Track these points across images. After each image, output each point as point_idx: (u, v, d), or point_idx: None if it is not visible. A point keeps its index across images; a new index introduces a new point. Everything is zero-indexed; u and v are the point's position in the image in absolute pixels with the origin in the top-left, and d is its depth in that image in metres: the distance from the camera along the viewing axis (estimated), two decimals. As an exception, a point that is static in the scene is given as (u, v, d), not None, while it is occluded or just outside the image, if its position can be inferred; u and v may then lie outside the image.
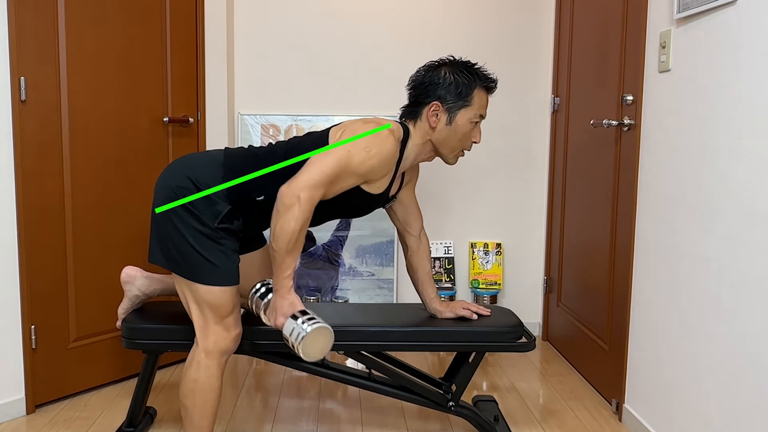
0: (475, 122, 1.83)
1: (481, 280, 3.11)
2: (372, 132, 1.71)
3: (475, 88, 1.82)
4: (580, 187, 2.73)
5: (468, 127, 1.83)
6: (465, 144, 1.86)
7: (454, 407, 2.02)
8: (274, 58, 3.04)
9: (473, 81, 1.82)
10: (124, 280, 2.01)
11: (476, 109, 1.82)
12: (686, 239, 1.86)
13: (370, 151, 1.70)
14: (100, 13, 2.36)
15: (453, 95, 1.80)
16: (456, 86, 1.80)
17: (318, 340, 1.60)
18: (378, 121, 1.79)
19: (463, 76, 1.81)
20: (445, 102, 1.81)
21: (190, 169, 1.77)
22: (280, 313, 1.65)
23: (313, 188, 1.64)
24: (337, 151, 1.68)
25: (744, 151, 1.60)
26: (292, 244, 1.64)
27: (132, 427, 2.08)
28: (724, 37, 1.68)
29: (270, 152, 1.81)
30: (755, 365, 1.56)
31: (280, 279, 1.66)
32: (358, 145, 1.69)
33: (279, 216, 1.63)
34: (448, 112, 1.81)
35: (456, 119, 1.81)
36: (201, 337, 1.75)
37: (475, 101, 1.82)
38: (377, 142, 1.71)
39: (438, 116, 1.82)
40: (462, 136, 1.83)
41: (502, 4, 3.08)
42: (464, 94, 1.80)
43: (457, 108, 1.81)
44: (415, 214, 2.08)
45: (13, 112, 2.13)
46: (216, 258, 1.72)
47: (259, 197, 1.78)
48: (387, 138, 1.73)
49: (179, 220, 1.73)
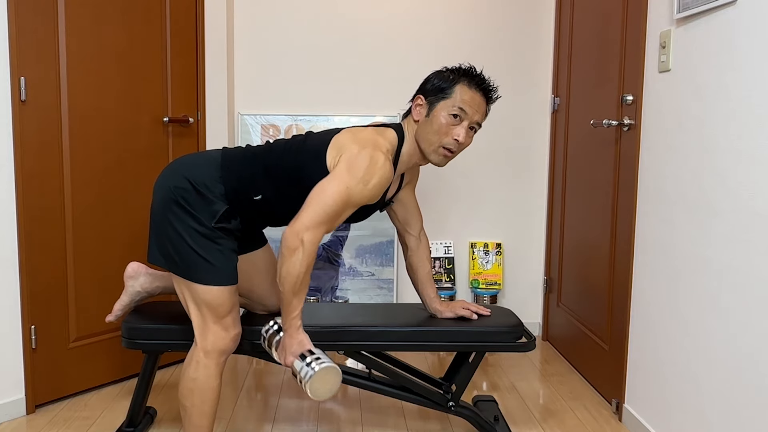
0: (454, 115, 1.78)
1: (481, 280, 3.11)
2: (368, 160, 1.68)
3: (458, 82, 1.80)
4: (580, 187, 2.73)
5: (445, 119, 1.78)
6: (443, 139, 1.79)
7: (454, 407, 2.02)
8: (274, 58, 3.04)
9: (457, 76, 1.81)
10: (128, 275, 2.01)
11: (456, 102, 1.78)
12: (686, 239, 1.86)
13: (368, 183, 1.68)
14: (100, 13, 2.36)
15: (434, 88, 1.81)
16: (438, 79, 1.81)
17: (326, 379, 1.64)
18: (374, 140, 1.75)
19: (450, 72, 1.82)
20: (427, 95, 1.82)
21: (188, 170, 1.77)
22: (290, 353, 1.69)
23: (316, 229, 1.64)
24: (336, 187, 1.66)
25: (743, 151, 1.60)
26: (298, 286, 1.66)
27: (132, 427, 2.08)
28: (724, 37, 1.68)
29: (267, 151, 1.81)
30: (755, 365, 1.56)
31: (288, 319, 1.68)
32: (355, 177, 1.67)
33: (284, 260, 1.64)
34: (429, 104, 1.81)
35: (434, 111, 1.79)
36: (200, 336, 1.76)
37: (455, 95, 1.79)
38: (374, 171, 1.69)
39: (420, 109, 1.82)
40: (438, 128, 1.78)
41: (502, 5, 3.08)
42: (444, 86, 1.80)
43: (437, 100, 1.80)
44: (415, 214, 2.08)
45: (13, 112, 2.13)
46: (214, 257, 1.73)
47: (256, 197, 1.78)
48: (384, 164, 1.70)
49: (177, 220, 1.74)
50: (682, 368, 1.88)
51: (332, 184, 1.66)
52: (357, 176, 1.67)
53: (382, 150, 1.72)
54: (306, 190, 1.72)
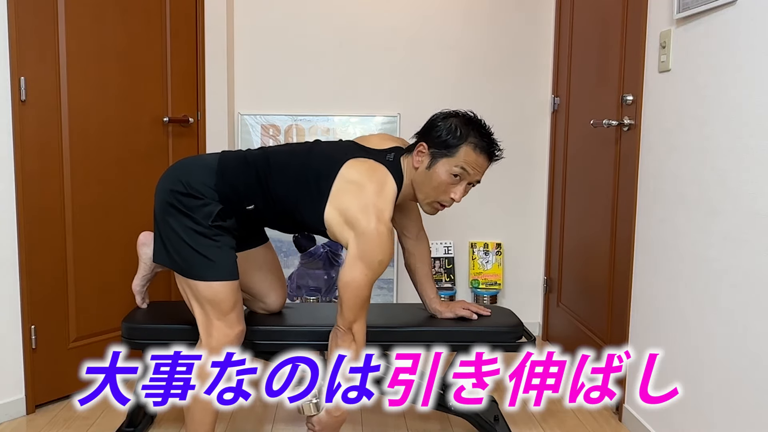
0: (455, 175, 1.76)
1: (481, 280, 3.11)
2: (376, 240, 1.67)
3: (465, 142, 1.76)
4: (580, 187, 2.73)
5: (446, 178, 1.76)
6: (440, 196, 1.79)
7: (454, 407, 2.01)
8: (274, 58, 3.04)
9: (466, 135, 1.77)
10: (141, 243, 2.04)
11: (459, 162, 1.76)
12: (686, 239, 1.86)
13: (383, 260, 1.69)
14: (100, 13, 2.35)
15: (440, 142, 1.77)
16: (447, 133, 1.77)
17: None
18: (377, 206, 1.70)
19: (459, 127, 1.78)
20: (431, 146, 1.78)
21: (185, 174, 1.81)
22: None
23: (359, 319, 1.71)
24: (359, 279, 1.67)
25: (744, 151, 1.60)
26: None
27: (132, 427, 2.07)
28: (724, 37, 1.68)
29: (262, 159, 1.83)
30: (755, 365, 1.56)
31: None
32: (371, 264, 1.67)
33: (341, 351, 1.70)
34: (431, 156, 1.78)
35: (436, 166, 1.77)
36: (204, 334, 1.76)
37: (460, 155, 1.76)
38: (383, 247, 1.68)
39: (422, 158, 1.79)
40: (437, 185, 1.77)
41: (502, 4, 3.08)
42: (450, 144, 1.76)
43: (440, 155, 1.77)
44: (413, 217, 2.08)
45: (13, 112, 2.13)
46: (211, 254, 1.75)
47: (249, 206, 1.82)
48: (388, 235, 1.69)
49: (174, 221, 1.77)
50: (682, 368, 1.88)
51: (354, 277, 1.68)
52: (372, 263, 1.68)
53: (385, 219, 1.70)
54: (295, 220, 1.81)
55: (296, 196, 1.78)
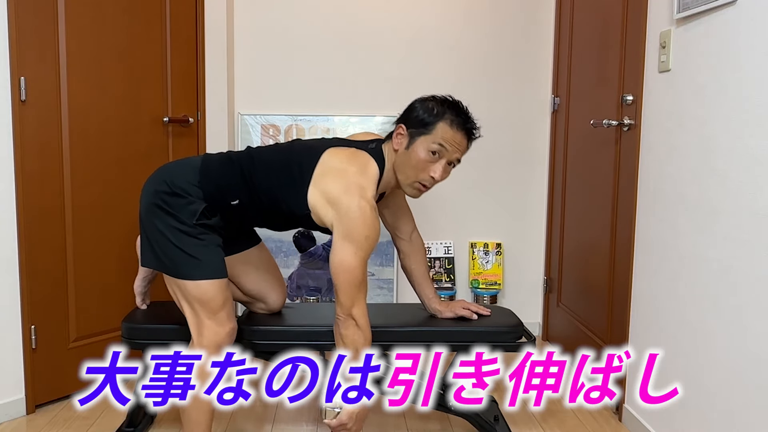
0: (433, 152, 1.76)
1: (481, 280, 3.11)
2: (360, 217, 1.67)
3: (440, 119, 1.76)
4: (580, 187, 2.73)
5: (424, 156, 1.76)
6: (420, 174, 1.78)
7: (454, 407, 2.01)
8: (274, 58, 3.04)
9: (442, 113, 1.77)
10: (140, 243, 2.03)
11: (436, 139, 1.76)
12: (686, 239, 1.86)
13: (369, 237, 1.69)
14: (100, 13, 2.36)
15: (417, 121, 1.78)
16: (423, 112, 1.78)
17: None
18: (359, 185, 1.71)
19: (435, 106, 1.78)
20: (409, 126, 1.79)
21: (169, 174, 1.82)
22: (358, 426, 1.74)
23: (358, 302, 1.70)
24: (349, 260, 1.67)
25: (744, 151, 1.60)
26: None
27: (132, 427, 2.08)
28: (724, 37, 1.68)
29: (246, 157, 1.84)
30: (755, 365, 1.56)
31: None
32: (358, 242, 1.67)
33: (346, 339, 1.70)
34: (409, 136, 1.78)
35: (414, 145, 1.77)
36: (195, 334, 1.77)
37: (437, 132, 1.76)
38: (368, 224, 1.68)
39: (400, 139, 1.80)
40: (416, 163, 1.77)
41: (502, 4, 3.08)
42: (427, 122, 1.77)
43: (417, 134, 1.77)
44: (404, 218, 2.08)
45: (13, 112, 2.13)
46: (197, 252, 1.75)
47: (233, 201, 1.82)
48: (372, 213, 1.70)
49: (160, 222, 1.78)
50: (682, 368, 1.88)
51: (343, 258, 1.67)
52: (359, 240, 1.67)
53: (367, 197, 1.71)
54: (281, 212, 1.79)
55: (279, 185, 1.78)
